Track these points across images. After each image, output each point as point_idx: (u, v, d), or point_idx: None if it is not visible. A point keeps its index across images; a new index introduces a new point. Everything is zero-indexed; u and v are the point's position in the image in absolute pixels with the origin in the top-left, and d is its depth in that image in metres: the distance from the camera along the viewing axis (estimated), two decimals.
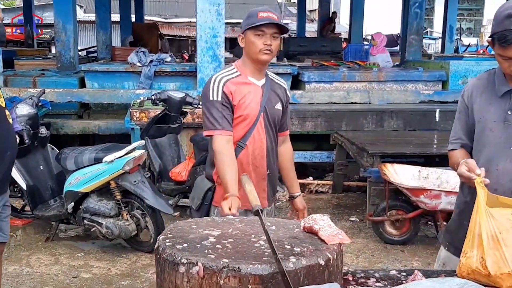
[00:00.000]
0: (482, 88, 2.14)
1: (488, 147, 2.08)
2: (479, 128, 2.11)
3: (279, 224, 1.96)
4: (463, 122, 2.20)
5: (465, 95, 2.19)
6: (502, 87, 2.08)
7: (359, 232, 5.04)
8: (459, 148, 2.20)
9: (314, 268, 1.63)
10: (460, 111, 2.22)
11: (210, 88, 2.54)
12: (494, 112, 2.08)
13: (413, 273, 1.96)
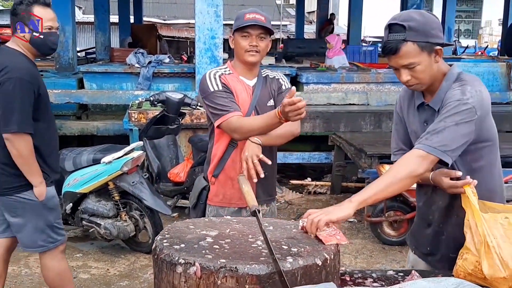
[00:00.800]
0: (407, 100, 2.17)
1: None
2: (412, 139, 2.15)
3: (277, 224, 1.97)
4: (401, 133, 2.20)
5: (397, 106, 2.23)
6: (417, 100, 2.11)
7: (358, 233, 5.05)
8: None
9: (311, 268, 1.64)
10: (396, 123, 2.24)
11: (208, 81, 2.56)
12: (415, 122, 2.12)
13: (410, 274, 1.97)
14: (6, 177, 2.88)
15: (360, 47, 11.72)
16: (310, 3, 25.06)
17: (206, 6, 6.52)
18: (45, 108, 2.93)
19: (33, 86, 2.80)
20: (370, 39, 20.82)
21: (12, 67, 2.78)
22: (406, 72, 1.98)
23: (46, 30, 2.84)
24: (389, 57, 1.99)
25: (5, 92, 2.75)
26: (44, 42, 2.85)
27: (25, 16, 2.81)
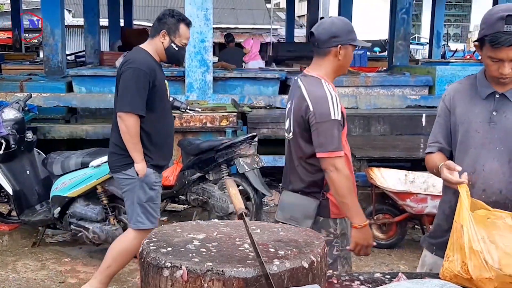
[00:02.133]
0: (465, 92, 2.18)
1: (473, 148, 2.11)
2: (463, 129, 2.14)
3: (264, 227, 1.98)
4: (443, 126, 2.23)
5: (446, 98, 2.22)
6: (485, 89, 2.13)
7: None
8: (436, 151, 2.22)
9: (298, 271, 1.64)
10: (439, 115, 2.25)
11: (330, 105, 2.38)
12: (479, 113, 2.11)
13: (397, 276, 1.98)
14: (117, 156, 3.43)
15: None
16: (301, 7, 25.15)
17: (196, 10, 6.53)
18: (160, 101, 3.41)
19: (149, 77, 3.29)
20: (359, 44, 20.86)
21: (134, 59, 3.33)
22: (511, 65, 2.00)
23: (181, 45, 3.41)
24: (500, 49, 1.96)
25: (124, 79, 3.30)
26: (176, 53, 3.41)
27: (171, 28, 3.36)
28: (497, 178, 2.08)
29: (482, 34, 2.01)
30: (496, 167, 2.10)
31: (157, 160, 3.46)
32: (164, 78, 3.51)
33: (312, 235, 1.89)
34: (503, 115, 2.10)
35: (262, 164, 4.84)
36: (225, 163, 4.76)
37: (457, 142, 2.17)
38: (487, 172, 2.09)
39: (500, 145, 2.10)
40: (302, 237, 1.87)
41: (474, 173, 2.09)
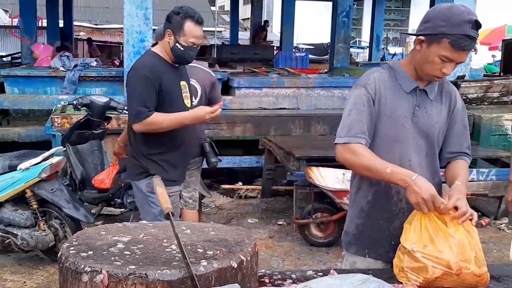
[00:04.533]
0: (388, 83, 2.11)
1: (400, 142, 2.11)
2: (390, 122, 2.09)
3: (195, 227, 1.91)
4: (367, 115, 2.07)
5: (369, 87, 2.09)
6: (408, 83, 2.11)
7: (286, 235, 5.07)
8: (364, 143, 2.06)
9: (226, 271, 1.59)
10: (363, 104, 2.07)
11: None
12: (404, 107, 2.10)
13: (329, 273, 1.97)
14: (132, 162, 3.27)
15: (292, 53, 11.89)
16: (245, 10, 25.20)
17: (135, 9, 6.39)
18: (170, 105, 3.14)
19: (153, 80, 3.05)
20: (303, 46, 21.19)
21: (137, 64, 3.15)
22: (453, 66, 2.00)
23: (188, 44, 3.11)
24: (459, 51, 1.94)
25: (127, 87, 3.16)
26: (182, 53, 3.13)
27: (176, 26, 3.10)
28: (420, 171, 2.10)
29: (440, 31, 1.94)
30: (418, 161, 2.12)
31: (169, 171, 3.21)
32: (177, 80, 3.22)
33: (244, 234, 1.85)
34: (424, 110, 2.12)
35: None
36: None
37: (379, 134, 2.10)
38: (412, 166, 2.11)
39: (420, 139, 2.12)
40: (233, 236, 1.82)
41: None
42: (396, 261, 1.99)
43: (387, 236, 2.15)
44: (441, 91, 2.17)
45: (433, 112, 2.13)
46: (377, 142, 2.11)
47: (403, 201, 2.11)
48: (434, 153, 2.18)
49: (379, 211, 2.15)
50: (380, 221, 2.16)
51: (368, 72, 2.18)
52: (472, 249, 1.86)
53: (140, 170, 3.20)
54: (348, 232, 2.27)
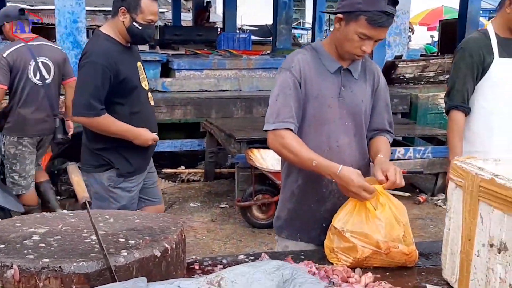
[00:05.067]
0: (312, 64, 2.08)
1: (327, 124, 2.09)
2: (316, 104, 2.07)
3: (119, 216, 1.83)
4: (295, 99, 2.04)
5: (294, 69, 2.05)
6: (332, 63, 2.09)
7: (229, 218, 5.04)
8: (293, 128, 2.04)
9: (149, 261, 1.52)
10: (289, 87, 2.03)
11: None
12: (330, 88, 2.08)
13: (261, 257, 1.94)
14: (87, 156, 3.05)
15: (234, 34, 11.77)
16: None
17: None
18: (130, 92, 2.96)
19: (109, 71, 2.83)
20: (247, 28, 21.06)
21: (91, 51, 2.88)
22: (373, 44, 1.98)
23: (146, 22, 2.90)
24: (376, 28, 1.92)
25: (79, 76, 2.92)
26: (140, 33, 2.91)
27: (131, 3, 2.87)
28: (348, 152, 2.11)
29: (357, 8, 1.93)
30: (347, 142, 2.12)
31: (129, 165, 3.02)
32: (134, 63, 3.01)
33: (170, 221, 1.78)
34: (349, 90, 2.11)
35: None
36: None
37: (307, 115, 2.09)
38: (340, 148, 2.10)
39: (348, 120, 2.12)
40: (158, 223, 1.75)
41: (329, 150, 2.09)
42: (327, 242, 1.98)
43: (318, 219, 2.14)
44: (364, 69, 2.16)
45: (359, 91, 2.13)
46: (305, 124, 2.09)
47: (333, 183, 2.10)
48: (362, 133, 2.18)
49: (310, 195, 2.14)
50: (311, 204, 2.14)
51: (292, 55, 2.15)
52: (401, 229, 1.87)
53: (100, 162, 2.99)
54: (280, 217, 2.24)
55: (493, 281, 1.54)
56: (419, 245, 2.08)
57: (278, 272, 1.05)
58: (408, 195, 5.69)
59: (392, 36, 7.53)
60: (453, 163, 1.72)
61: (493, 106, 2.74)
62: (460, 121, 2.78)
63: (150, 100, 3.12)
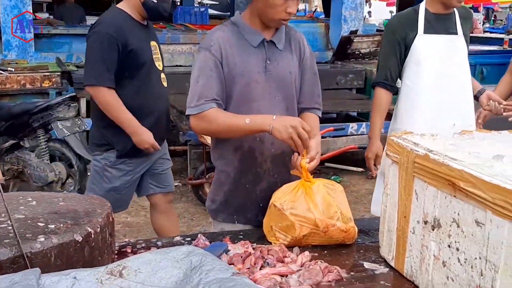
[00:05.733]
0: (232, 40, 1.99)
1: (256, 101, 2.01)
2: (243, 81, 1.99)
3: (43, 198, 1.72)
4: (217, 80, 1.96)
5: (213, 48, 1.96)
6: (254, 36, 2.00)
7: (181, 197, 4.96)
8: (215, 106, 1.95)
9: (69, 246, 1.43)
10: (210, 68, 1.94)
11: None
12: (255, 63, 2.00)
13: (197, 238, 1.87)
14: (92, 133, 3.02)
15: (191, 8, 11.49)
16: None
17: None
18: (139, 67, 2.87)
19: (116, 40, 2.76)
20: (207, 2, 20.67)
21: (102, 22, 2.84)
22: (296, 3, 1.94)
23: None
24: None
25: (88, 46, 2.83)
26: (156, 7, 2.86)
27: None
28: None
29: None
30: None
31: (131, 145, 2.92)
32: (147, 40, 2.91)
33: (97, 203, 1.69)
34: (275, 63, 2.04)
35: (85, 127, 4.48)
36: (42, 128, 4.32)
37: (234, 95, 2.00)
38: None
39: (278, 95, 2.05)
40: (84, 206, 1.65)
41: None
42: (265, 220, 1.93)
43: (255, 199, 2.08)
44: (289, 39, 2.10)
45: (285, 63, 2.06)
46: (233, 105, 2.01)
47: (267, 161, 2.05)
48: (294, 106, 2.12)
49: (246, 175, 2.07)
50: (246, 185, 2.08)
51: (210, 33, 2.05)
52: (337, 207, 1.83)
53: (102, 141, 2.93)
54: (215, 200, 2.16)
55: (427, 258, 1.53)
56: (360, 222, 2.06)
57: (187, 259, 0.98)
58: (362, 170, 5.73)
59: (348, 11, 7.50)
60: (389, 139, 1.69)
61: (416, 83, 2.72)
62: (382, 98, 2.79)
63: (163, 81, 3.03)
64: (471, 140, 1.61)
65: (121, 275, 0.96)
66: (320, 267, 1.64)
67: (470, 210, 1.33)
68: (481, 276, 1.31)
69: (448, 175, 1.39)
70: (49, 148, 4.37)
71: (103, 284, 0.93)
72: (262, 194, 2.02)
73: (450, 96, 2.71)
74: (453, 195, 1.39)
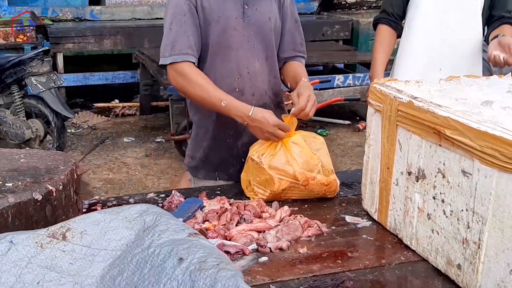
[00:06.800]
0: None
1: (234, 50, 1.88)
2: (219, 28, 1.85)
3: (3, 155, 1.61)
4: (193, 26, 1.81)
5: None
6: None
7: (164, 153, 4.85)
8: (193, 61, 1.83)
9: (28, 205, 1.33)
10: (184, 13, 1.79)
11: None
12: (232, 8, 1.86)
13: (171, 194, 1.78)
14: None
15: None
16: None
17: None
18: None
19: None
20: None
21: None
22: None
23: None
24: None
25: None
26: None
27: None
28: (261, 78, 1.94)
29: None
30: (258, 67, 1.94)
31: None
32: None
33: (60, 160, 1.58)
34: (253, 8, 1.90)
35: (61, 82, 4.32)
36: (16, 83, 4.15)
37: (211, 43, 1.87)
38: (252, 75, 1.92)
39: (257, 42, 1.92)
40: (46, 163, 1.55)
41: (240, 78, 1.91)
42: (243, 175, 1.84)
43: (236, 154, 1.98)
44: None
45: (264, 8, 1.92)
46: (210, 53, 1.88)
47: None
48: (274, 56, 1.99)
49: (226, 129, 1.96)
50: (227, 140, 1.97)
51: None
52: (318, 159, 1.74)
53: None
54: (194, 157, 2.05)
55: (411, 211, 1.45)
56: (342, 175, 1.98)
57: (140, 219, 0.88)
58: (348, 123, 5.64)
59: None
60: (372, 86, 1.58)
61: (412, 27, 2.46)
62: (384, 35, 2.49)
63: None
64: (458, 86, 1.51)
65: (64, 237, 0.86)
66: (299, 221, 1.57)
67: (456, 159, 1.25)
68: (468, 229, 1.23)
69: (433, 123, 1.29)
70: (24, 105, 4.22)
71: (43, 249, 0.83)
72: (244, 149, 1.91)
73: (450, 50, 2.43)
74: (438, 144, 1.30)
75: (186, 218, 1.59)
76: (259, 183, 1.77)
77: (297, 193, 1.76)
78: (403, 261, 1.42)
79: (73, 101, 6.00)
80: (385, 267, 1.39)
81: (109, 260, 0.80)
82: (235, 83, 1.89)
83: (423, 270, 1.38)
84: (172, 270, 0.71)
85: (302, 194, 1.76)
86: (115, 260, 0.79)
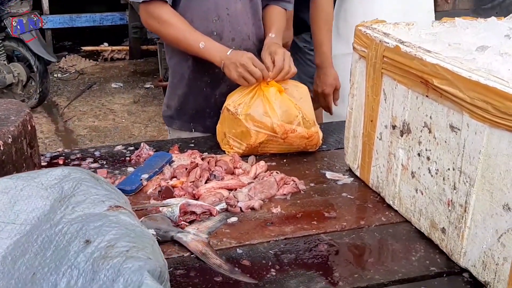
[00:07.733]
0: None
1: None
2: None
3: None
4: None
5: None
6: None
7: (153, 99, 4.70)
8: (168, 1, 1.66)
9: None
10: None
11: None
12: None
13: (140, 147, 1.66)
14: None
15: None
16: None
17: None
18: None
19: None
20: None
21: None
22: None
23: None
24: None
25: None
26: None
27: None
28: (243, 21, 1.77)
29: None
30: (240, 9, 1.76)
31: None
32: None
33: (13, 109, 1.44)
34: None
35: (43, 24, 4.11)
36: None
37: None
38: (232, 17, 1.75)
39: None
40: None
41: (218, 20, 1.73)
42: (218, 127, 1.70)
43: (213, 104, 1.83)
44: None
45: None
46: None
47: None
48: None
49: (202, 76, 1.80)
50: (204, 88, 1.82)
51: None
52: (299, 110, 1.59)
53: None
54: (170, 106, 1.90)
55: (394, 168, 1.32)
56: (326, 126, 1.85)
57: (58, 186, 0.75)
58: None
59: None
60: (357, 29, 1.41)
61: None
62: None
63: None
64: (452, 28, 1.35)
65: None
66: (275, 178, 1.45)
67: (444, 112, 1.11)
68: (454, 190, 1.11)
69: (420, 70, 1.14)
70: (5, 48, 4.03)
71: None
72: (222, 99, 1.75)
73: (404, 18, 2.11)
74: (425, 95, 1.16)
75: (152, 173, 1.47)
76: (234, 136, 1.64)
77: (276, 146, 1.63)
78: (384, 222, 1.31)
79: (61, 44, 5.78)
80: (364, 229, 1.28)
81: (15, 237, 0.67)
82: (212, 25, 1.73)
83: (404, 232, 1.27)
84: (75, 256, 0.59)
85: (281, 148, 1.63)
86: (21, 237, 0.66)
